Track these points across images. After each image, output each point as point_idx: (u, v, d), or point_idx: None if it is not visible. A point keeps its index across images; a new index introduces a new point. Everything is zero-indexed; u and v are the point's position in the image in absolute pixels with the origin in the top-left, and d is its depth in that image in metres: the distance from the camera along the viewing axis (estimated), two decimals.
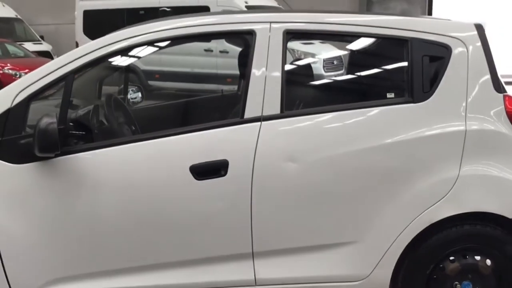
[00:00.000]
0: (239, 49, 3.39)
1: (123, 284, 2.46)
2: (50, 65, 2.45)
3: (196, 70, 10.35)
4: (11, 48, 13.73)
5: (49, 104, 2.78)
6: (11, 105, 2.37)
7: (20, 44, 14.29)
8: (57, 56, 12.44)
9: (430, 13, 12.99)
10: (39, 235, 2.38)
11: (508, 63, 14.43)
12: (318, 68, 8.45)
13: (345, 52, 3.70)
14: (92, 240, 2.42)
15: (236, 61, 3.14)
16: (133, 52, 2.78)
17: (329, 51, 8.06)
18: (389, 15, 3.08)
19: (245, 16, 2.69)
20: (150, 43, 2.60)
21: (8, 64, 12.31)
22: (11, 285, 2.40)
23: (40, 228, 2.37)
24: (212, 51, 10.58)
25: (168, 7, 11.88)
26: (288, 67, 2.60)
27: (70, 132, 2.46)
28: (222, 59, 10.36)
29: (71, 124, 2.50)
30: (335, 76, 6.76)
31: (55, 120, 2.22)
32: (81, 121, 2.63)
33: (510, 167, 2.48)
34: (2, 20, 16.59)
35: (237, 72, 3.26)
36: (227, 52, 10.16)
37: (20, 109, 2.37)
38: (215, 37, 3.39)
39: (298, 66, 4.17)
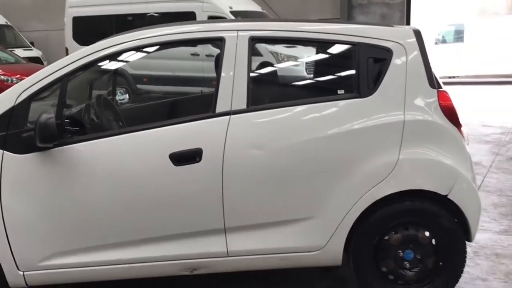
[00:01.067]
0: None
1: (112, 257, 2.83)
2: (48, 69, 2.84)
3: (183, 73, 10.67)
4: (2, 54, 13.94)
5: (45, 104, 3.16)
6: (15, 103, 2.75)
7: (11, 50, 14.52)
8: (47, 62, 12.89)
9: (408, 17, 13.40)
10: (40, 215, 2.76)
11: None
12: (300, 68, 8.85)
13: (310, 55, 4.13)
14: (86, 219, 2.79)
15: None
16: (120, 57, 3.16)
17: (310, 54, 8.48)
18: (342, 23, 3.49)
19: (216, 25, 3.09)
20: (133, 49, 2.96)
21: (0, 70, 12.57)
22: (16, 259, 2.77)
23: (41, 209, 2.75)
24: (198, 55, 10.93)
25: (155, 13, 12.18)
26: (253, 68, 2.99)
27: (65, 127, 2.83)
28: (208, 62, 10.72)
29: (66, 120, 2.88)
30: (305, 73, 7.20)
31: (53, 115, 2.60)
32: (75, 117, 3.02)
33: (443, 151, 2.90)
34: None
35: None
36: (213, 56, 10.53)
37: (23, 107, 2.76)
38: (191, 43, 3.79)
39: (262, 68, 4.60)
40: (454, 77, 16.84)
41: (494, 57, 15.58)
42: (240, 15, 11.22)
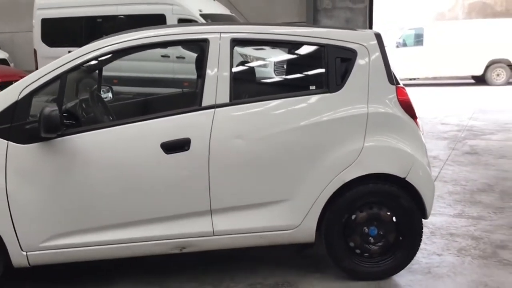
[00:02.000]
0: (195, 54, 4.09)
1: (108, 238, 3.12)
2: (48, 67, 3.11)
3: (154, 74, 10.90)
4: None
5: (39, 100, 3.42)
6: (18, 98, 3.02)
7: None
8: (14, 64, 12.89)
9: (370, 21, 13.95)
10: (42, 200, 3.02)
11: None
12: (268, 70, 9.26)
13: (283, 55, 4.51)
14: (84, 203, 3.07)
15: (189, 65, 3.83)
16: (110, 57, 3.45)
17: (277, 55, 8.90)
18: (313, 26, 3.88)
19: (201, 28, 3.42)
20: (124, 50, 3.26)
21: None
22: (20, 240, 3.03)
23: (43, 194, 3.02)
24: (169, 56, 11.16)
25: (125, 15, 12.31)
26: (234, 67, 3.33)
27: (64, 120, 3.10)
28: (179, 64, 10.98)
29: (64, 113, 3.15)
30: (273, 74, 7.61)
31: (56, 108, 2.88)
32: (71, 111, 3.30)
33: (402, 139, 3.31)
34: None
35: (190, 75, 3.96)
36: (183, 58, 10.79)
37: (25, 101, 3.02)
38: (178, 44, 4.09)
39: (243, 66, 4.95)
40: (414, 79, 17.59)
41: (452, 60, 16.35)
42: (210, 18, 11.50)
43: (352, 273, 3.36)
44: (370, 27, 13.96)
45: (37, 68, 12.98)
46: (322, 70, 3.34)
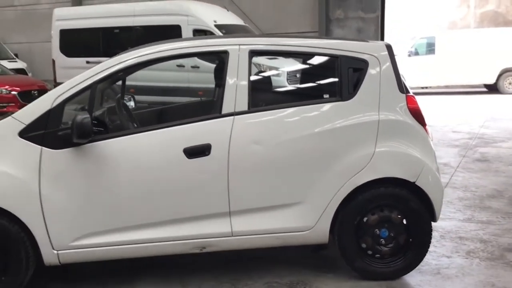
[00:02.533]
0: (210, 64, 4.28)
1: (134, 237, 3.31)
2: (78, 78, 3.31)
3: (170, 84, 11.14)
4: None
5: (68, 109, 3.63)
6: (52, 106, 3.24)
7: None
8: (32, 73, 13.30)
9: (382, 30, 14.11)
10: (73, 202, 3.22)
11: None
12: (281, 79, 9.46)
13: (296, 65, 4.71)
14: (112, 204, 3.27)
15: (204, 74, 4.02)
16: (133, 69, 3.65)
17: (290, 64, 9.10)
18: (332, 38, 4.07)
19: (221, 40, 3.63)
20: (149, 61, 3.46)
21: None
22: (51, 240, 3.23)
23: (74, 197, 3.22)
24: (184, 66, 11.40)
25: (141, 26, 12.59)
26: (252, 77, 3.53)
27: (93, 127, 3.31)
28: (194, 73, 11.21)
29: (93, 121, 3.35)
30: (285, 83, 7.82)
31: (88, 115, 3.10)
32: (99, 119, 3.51)
33: (411, 145, 3.48)
34: None
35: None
36: (198, 67, 11.04)
37: (58, 109, 3.24)
38: (200, 55, 4.29)
39: (260, 76, 5.15)
40: (426, 87, 17.69)
41: (464, 68, 16.43)
42: (224, 28, 11.75)
43: (364, 273, 3.52)
44: (382, 36, 14.12)
45: (55, 78, 13.36)
46: (335, 80, 3.52)
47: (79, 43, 13.28)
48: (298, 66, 4.40)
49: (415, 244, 3.52)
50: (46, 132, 3.21)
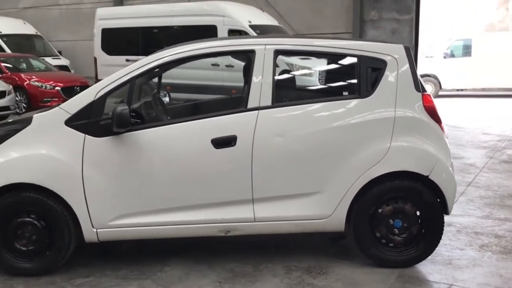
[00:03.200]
0: (243, 63, 4.58)
1: (165, 220, 3.63)
2: (119, 73, 3.65)
3: (206, 82, 11.49)
4: (34, 62, 14.91)
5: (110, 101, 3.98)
6: (94, 98, 3.59)
7: (42, 59, 15.48)
8: (74, 70, 13.96)
9: (416, 31, 14.12)
10: (111, 185, 3.57)
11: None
12: (313, 78, 9.66)
13: (323, 64, 4.97)
14: (146, 188, 3.60)
15: (238, 73, 4.31)
16: (169, 66, 3.97)
17: (321, 64, 9.32)
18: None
19: (249, 40, 3.91)
20: (184, 59, 3.78)
21: (34, 77, 13.49)
22: (91, 219, 3.59)
23: (112, 180, 3.57)
24: (218, 65, 11.75)
25: (179, 26, 13.02)
26: (277, 74, 3.80)
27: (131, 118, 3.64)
28: (228, 72, 11.55)
29: (131, 113, 3.69)
30: (317, 82, 8.05)
31: (127, 107, 3.43)
32: (137, 111, 3.85)
33: (426, 140, 3.67)
34: (23, 36, 17.81)
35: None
36: (232, 66, 11.38)
37: (100, 101, 3.59)
38: (229, 54, 4.58)
39: (285, 74, 5.42)
40: (462, 90, 17.53)
41: (501, 71, 16.22)
42: (258, 29, 12.06)
43: (378, 261, 3.74)
44: (416, 37, 14.14)
45: (96, 75, 13.95)
46: (355, 78, 3.75)
47: (119, 41, 13.83)
48: (324, 65, 4.66)
49: (427, 235, 3.72)
50: (89, 122, 3.56)
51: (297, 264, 3.81)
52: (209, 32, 12.11)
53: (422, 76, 16.81)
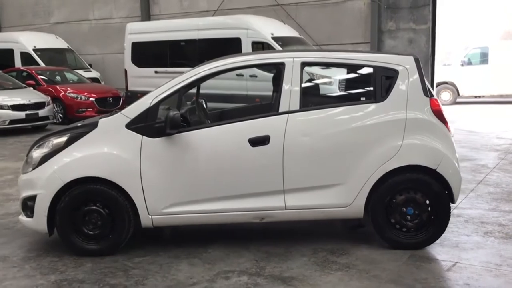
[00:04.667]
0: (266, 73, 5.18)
1: (208, 208, 4.24)
2: (169, 84, 4.30)
3: (232, 92, 12.10)
4: (68, 74, 15.77)
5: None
6: (150, 105, 4.25)
7: (75, 71, 16.33)
8: (104, 82, 14.91)
9: (433, 40, 14.60)
10: (164, 178, 4.21)
11: None
12: (333, 87, 10.25)
13: (343, 74, 5.60)
14: (192, 181, 4.23)
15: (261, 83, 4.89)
16: (210, 76, 4.61)
17: (340, 73, 9.93)
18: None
19: (279, 54, 4.55)
20: (223, 71, 4.42)
21: (69, 88, 14.33)
22: (148, 207, 4.23)
23: (165, 174, 4.21)
24: (243, 75, 12.37)
25: (204, 39, 13.68)
26: (304, 83, 4.42)
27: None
28: (252, 82, 12.16)
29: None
30: (337, 90, 8.68)
31: (178, 112, 4.09)
32: (183, 115, 4.49)
33: (434, 138, 4.24)
34: (56, 50, 18.69)
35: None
36: (256, 76, 12.00)
37: (155, 108, 4.24)
38: (263, 66, 5.22)
39: (310, 83, 6.06)
40: (479, 96, 17.92)
41: None
42: (281, 41, 12.67)
43: (392, 243, 4.30)
44: (433, 46, 14.62)
45: (127, 86, 14.71)
46: (371, 85, 4.35)
47: (148, 54, 14.58)
48: (344, 74, 5.30)
49: (436, 221, 4.27)
50: (145, 125, 4.22)
51: (323, 246, 4.40)
52: (233, 44, 12.77)
53: (440, 83, 17.33)
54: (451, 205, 4.33)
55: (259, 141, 4.19)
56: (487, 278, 3.72)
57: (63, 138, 4.30)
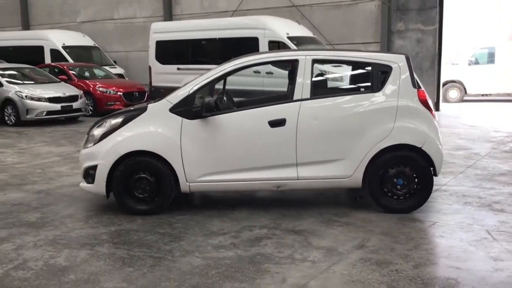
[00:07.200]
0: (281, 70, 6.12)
1: (236, 177, 5.22)
2: (203, 76, 5.31)
3: (249, 87, 13.03)
4: (96, 70, 16.86)
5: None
6: (189, 93, 5.25)
7: (103, 67, 17.41)
8: (128, 78, 16.16)
9: (440, 41, 15.42)
10: (199, 152, 5.20)
11: None
12: (344, 83, 11.18)
13: (348, 69, 6.58)
14: (222, 155, 5.21)
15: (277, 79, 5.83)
16: (236, 71, 5.59)
17: (344, 69, 10.89)
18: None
19: (294, 52, 5.53)
20: (248, 66, 5.41)
21: (98, 83, 15.43)
22: (186, 175, 5.22)
23: (200, 148, 5.19)
24: (259, 72, 13.31)
25: (224, 38, 14.66)
26: (314, 77, 5.39)
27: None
28: (268, 78, 13.11)
29: None
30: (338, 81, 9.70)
31: (212, 98, 5.08)
32: (215, 101, 5.48)
33: (420, 122, 5.17)
34: (83, 48, 19.76)
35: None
36: (272, 73, 12.96)
37: (193, 95, 5.24)
38: (280, 62, 6.12)
39: (319, 77, 7.06)
40: (486, 95, 18.68)
41: None
42: (295, 40, 13.62)
43: (386, 208, 5.25)
44: (440, 46, 15.45)
45: (151, 81, 15.76)
46: (369, 78, 5.31)
47: (171, 52, 15.61)
48: (347, 69, 6.33)
49: (421, 190, 5.21)
50: (185, 109, 5.22)
51: (328, 210, 5.37)
52: (251, 43, 13.74)
53: (448, 82, 18.14)
54: (434, 178, 5.26)
55: (277, 123, 5.16)
56: (459, 233, 4.66)
57: (119, 119, 5.33)
